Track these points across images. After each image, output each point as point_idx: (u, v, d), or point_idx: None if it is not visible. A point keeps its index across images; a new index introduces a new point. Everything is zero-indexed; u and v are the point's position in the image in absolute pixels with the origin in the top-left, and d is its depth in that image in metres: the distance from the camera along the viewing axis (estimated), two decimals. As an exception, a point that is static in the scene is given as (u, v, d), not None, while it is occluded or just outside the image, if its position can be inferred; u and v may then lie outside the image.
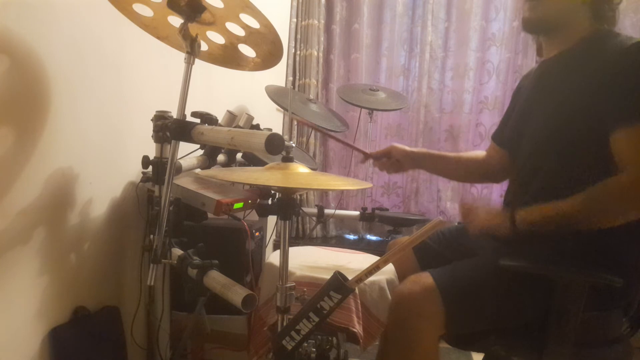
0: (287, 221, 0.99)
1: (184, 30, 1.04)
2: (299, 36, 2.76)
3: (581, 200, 0.97)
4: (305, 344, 1.03)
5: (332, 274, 0.93)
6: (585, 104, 1.02)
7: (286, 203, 0.98)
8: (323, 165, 2.89)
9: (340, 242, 2.79)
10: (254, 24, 1.07)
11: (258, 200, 1.27)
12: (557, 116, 1.09)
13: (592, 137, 1.01)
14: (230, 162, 1.43)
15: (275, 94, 1.99)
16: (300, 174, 0.94)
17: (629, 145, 0.95)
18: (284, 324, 0.98)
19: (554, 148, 1.09)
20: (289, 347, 0.93)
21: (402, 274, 1.39)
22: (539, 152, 1.14)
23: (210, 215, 1.17)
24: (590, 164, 1.02)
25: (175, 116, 1.10)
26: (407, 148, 1.44)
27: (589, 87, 1.02)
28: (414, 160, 1.45)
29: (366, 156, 1.48)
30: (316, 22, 2.73)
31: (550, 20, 1.12)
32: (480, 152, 1.45)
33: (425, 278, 1.05)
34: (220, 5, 1.04)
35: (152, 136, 1.23)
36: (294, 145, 0.98)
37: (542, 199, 1.03)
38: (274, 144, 0.84)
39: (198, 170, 1.31)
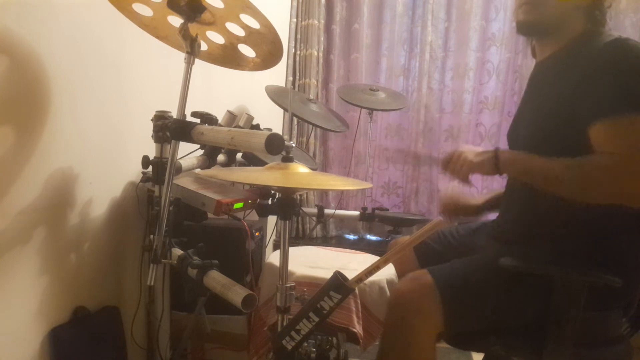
0: (287, 221, 0.99)
1: (184, 30, 1.04)
2: (299, 36, 2.76)
3: (565, 165, 0.98)
4: (305, 344, 1.03)
5: (332, 274, 0.93)
6: (568, 103, 1.03)
7: (286, 203, 0.98)
8: (323, 165, 2.89)
9: (340, 242, 2.78)
10: (254, 24, 1.07)
11: (258, 200, 1.27)
12: (544, 118, 1.10)
13: (576, 138, 1.01)
14: (230, 162, 1.43)
15: (275, 94, 1.99)
16: (300, 174, 0.94)
17: (606, 137, 0.96)
18: (284, 324, 0.99)
19: (541, 150, 1.10)
20: (289, 347, 0.93)
21: (402, 274, 1.39)
22: (528, 152, 1.15)
23: (210, 215, 1.17)
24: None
25: (175, 116, 1.10)
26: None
27: (571, 86, 1.04)
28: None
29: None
30: (316, 22, 2.73)
31: (545, 23, 1.13)
32: None
33: (424, 275, 1.05)
34: (220, 5, 1.04)
35: (152, 136, 1.23)
36: (294, 145, 0.98)
37: (533, 201, 1.04)
38: (274, 144, 0.84)
39: (198, 170, 1.31)
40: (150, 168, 1.25)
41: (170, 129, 1.07)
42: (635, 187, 0.92)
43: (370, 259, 1.58)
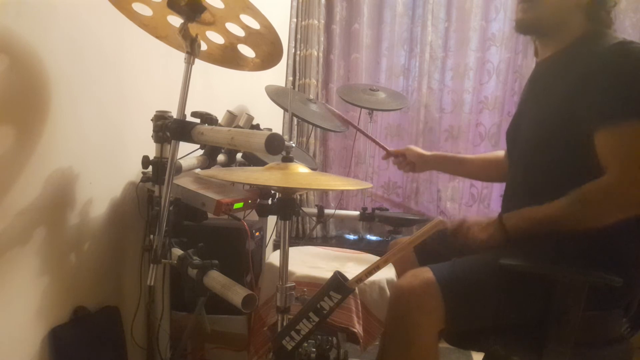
0: (287, 221, 0.99)
1: (184, 30, 1.04)
2: (299, 36, 2.76)
3: (566, 203, 0.99)
4: (305, 344, 1.03)
5: (332, 274, 0.93)
6: (569, 105, 1.04)
7: (286, 203, 0.98)
8: (323, 165, 2.89)
9: (340, 242, 2.78)
10: (254, 24, 1.07)
11: (258, 200, 1.27)
12: (544, 118, 1.11)
13: (576, 138, 1.01)
14: (230, 162, 1.43)
15: (275, 94, 1.99)
16: (300, 174, 0.94)
17: (609, 146, 0.97)
18: (284, 324, 0.99)
19: (541, 150, 1.11)
20: (289, 347, 0.93)
21: (402, 274, 1.39)
22: (528, 153, 1.16)
23: (210, 215, 1.17)
24: (574, 165, 1.04)
25: (175, 116, 1.10)
26: (421, 151, 1.52)
27: (572, 88, 1.04)
28: (427, 163, 1.53)
29: (387, 154, 1.58)
30: (316, 22, 2.73)
31: (543, 22, 1.13)
32: (500, 153, 1.46)
33: (425, 272, 1.05)
34: (220, 5, 1.04)
35: (152, 136, 1.23)
36: (294, 145, 0.98)
37: (533, 201, 1.04)
38: (274, 144, 0.84)
39: (198, 170, 1.31)
40: (150, 168, 1.25)
41: (170, 129, 1.07)
42: None
43: (370, 259, 1.58)
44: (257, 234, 1.58)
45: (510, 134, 1.28)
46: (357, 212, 2.56)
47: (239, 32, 1.13)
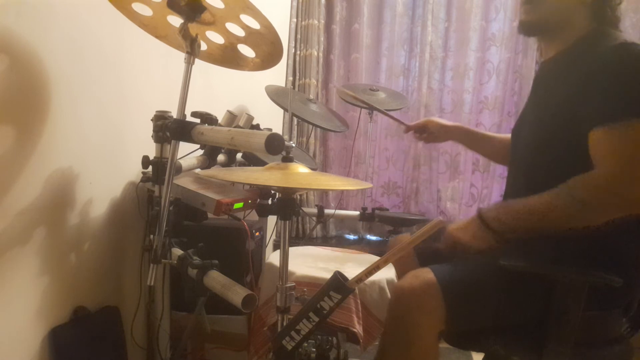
0: (287, 221, 0.99)
1: (184, 30, 1.04)
2: (299, 36, 2.76)
3: (554, 195, 0.96)
4: (305, 344, 1.03)
5: (332, 274, 0.93)
6: (570, 105, 1.03)
7: (286, 203, 0.98)
8: (323, 165, 2.89)
9: (340, 242, 2.78)
10: (254, 24, 1.07)
11: (258, 200, 1.27)
12: (546, 118, 1.10)
13: (577, 139, 1.01)
14: (230, 162, 1.43)
15: (275, 94, 1.99)
16: (300, 174, 0.94)
17: (607, 144, 0.95)
18: (284, 324, 0.99)
19: (543, 150, 1.10)
20: (289, 347, 0.93)
21: (402, 274, 1.39)
22: (530, 154, 1.15)
23: (210, 215, 1.17)
24: (575, 165, 1.03)
25: (175, 116, 1.10)
26: (443, 122, 1.56)
27: (574, 89, 1.03)
28: (448, 133, 1.56)
29: (407, 128, 1.64)
30: (316, 22, 2.73)
31: (546, 23, 1.13)
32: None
33: (426, 273, 1.05)
34: (221, 5, 1.04)
35: (152, 136, 1.23)
36: (294, 145, 0.98)
37: None
38: (274, 144, 0.84)
39: (198, 170, 1.31)
40: (150, 168, 1.25)
41: (170, 129, 1.07)
42: (634, 192, 0.91)
43: (370, 259, 1.58)
44: (257, 234, 1.58)
45: (514, 134, 1.28)
46: (357, 212, 2.56)
47: (239, 32, 1.13)
